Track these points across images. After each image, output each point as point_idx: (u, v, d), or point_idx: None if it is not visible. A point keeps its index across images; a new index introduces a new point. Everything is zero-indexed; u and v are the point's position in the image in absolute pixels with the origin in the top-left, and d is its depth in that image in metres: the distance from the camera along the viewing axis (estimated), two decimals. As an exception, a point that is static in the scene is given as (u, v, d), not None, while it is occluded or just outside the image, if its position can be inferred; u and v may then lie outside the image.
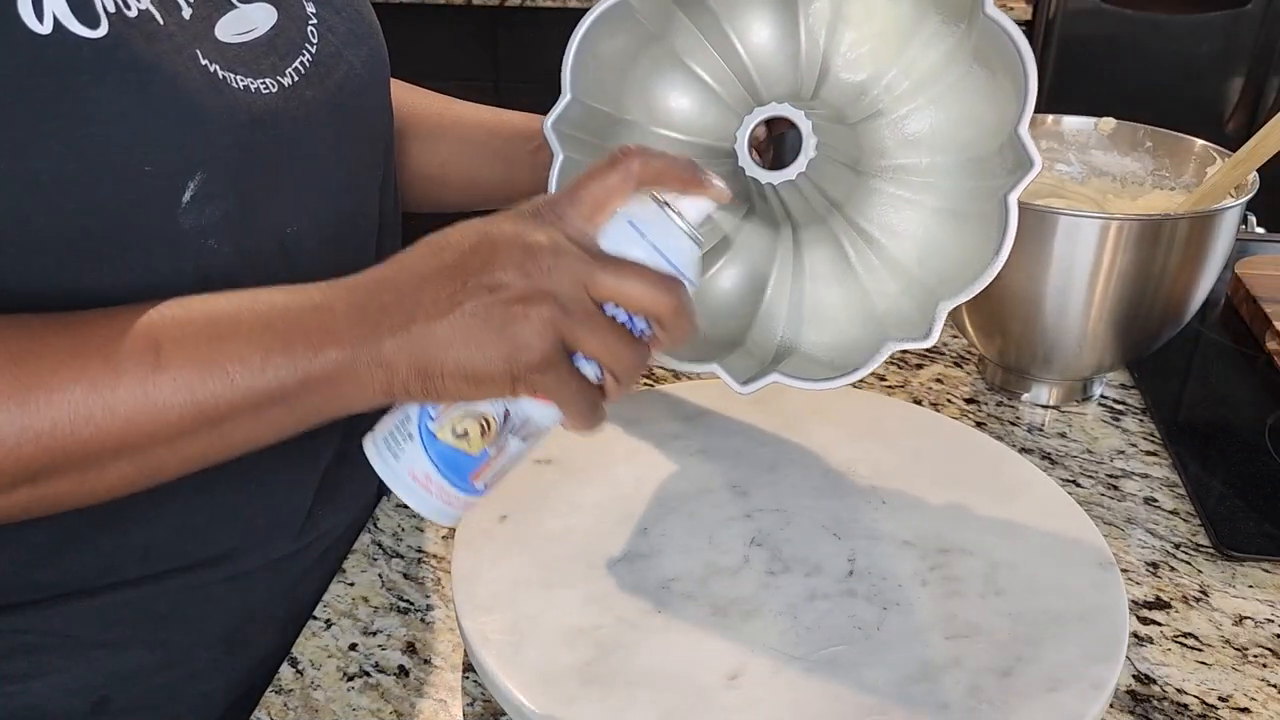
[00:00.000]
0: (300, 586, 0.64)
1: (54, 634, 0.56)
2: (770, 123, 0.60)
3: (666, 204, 0.46)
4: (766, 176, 0.57)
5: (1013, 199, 0.53)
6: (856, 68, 0.61)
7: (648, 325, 0.45)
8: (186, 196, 0.48)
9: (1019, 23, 1.98)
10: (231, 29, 0.51)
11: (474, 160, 0.77)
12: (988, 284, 0.54)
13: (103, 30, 0.44)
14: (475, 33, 2.19)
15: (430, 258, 0.45)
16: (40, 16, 0.43)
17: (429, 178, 0.77)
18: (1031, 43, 1.97)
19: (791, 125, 0.57)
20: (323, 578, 0.65)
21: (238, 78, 0.50)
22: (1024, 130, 0.53)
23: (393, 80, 0.79)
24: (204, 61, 0.49)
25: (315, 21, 0.57)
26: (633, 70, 0.62)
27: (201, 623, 0.60)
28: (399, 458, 0.47)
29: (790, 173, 0.56)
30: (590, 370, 0.46)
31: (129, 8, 0.46)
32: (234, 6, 0.52)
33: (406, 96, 0.78)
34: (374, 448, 0.48)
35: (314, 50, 0.56)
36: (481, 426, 0.46)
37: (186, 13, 0.49)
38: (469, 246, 0.45)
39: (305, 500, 0.62)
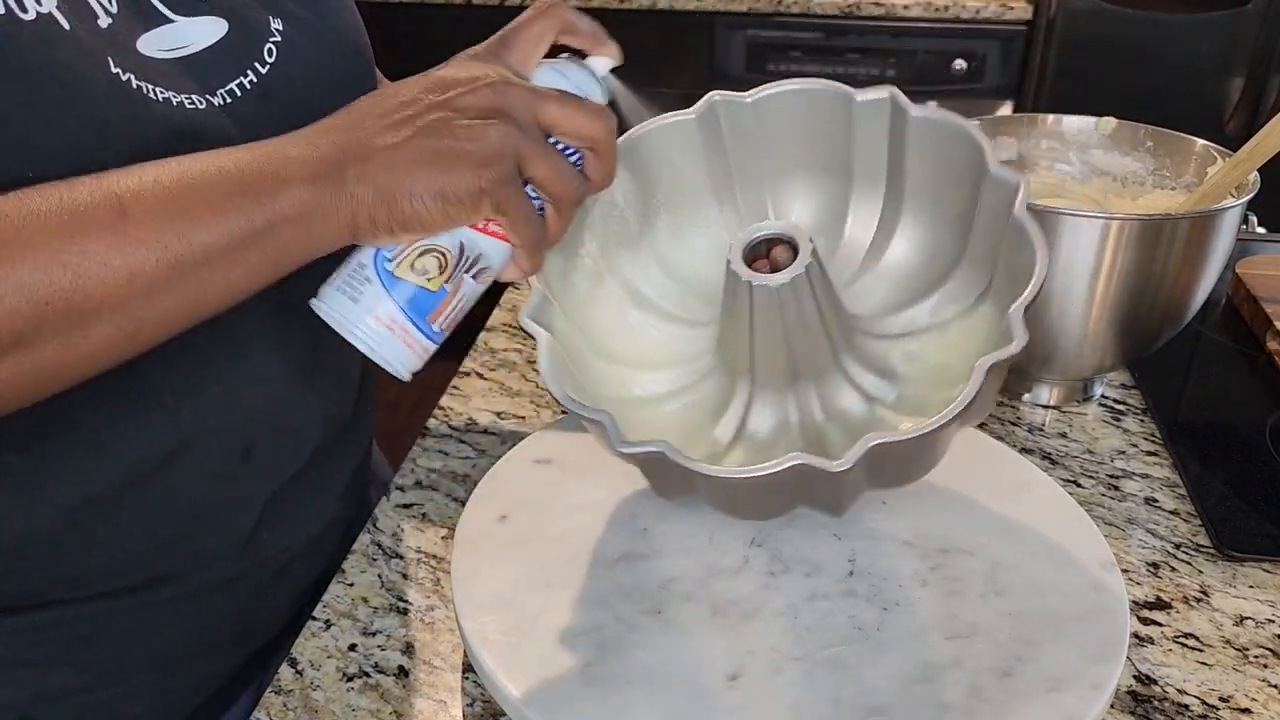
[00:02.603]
0: (253, 606, 0.63)
1: None
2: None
3: (577, 59, 0.52)
4: (748, 275, 0.55)
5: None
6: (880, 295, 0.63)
7: (580, 165, 0.50)
8: None
9: (1019, 22, 1.99)
10: (160, 43, 0.50)
11: None
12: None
13: None
14: (475, 33, 2.19)
15: (382, 99, 0.47)
16: None
17: None
18: (1032, 42, 1.97)
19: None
20: (282, 595, 0.64)
21: (158, 90, 0.49)
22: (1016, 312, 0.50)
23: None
24: (115, 70, 0.47)
25: (279, 39, 0.55)
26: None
27: (131, 645, 0.59)
28: (358, 301, 0.47)
29: (775, 278, 0.54)
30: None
31: (25, 10, 0.44)
32: (168, 20, 0.50)
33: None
34: (327, 300, 0.48)
35: (265, 70, 0.54)
36: (439, 261, 0.48)
37: (104, 21, 0.47)
38: (420, 86, 0.46)
39: (247, 526, 0.60)
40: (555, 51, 0.53)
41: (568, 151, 0.49)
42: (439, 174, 0.44)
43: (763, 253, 0.57)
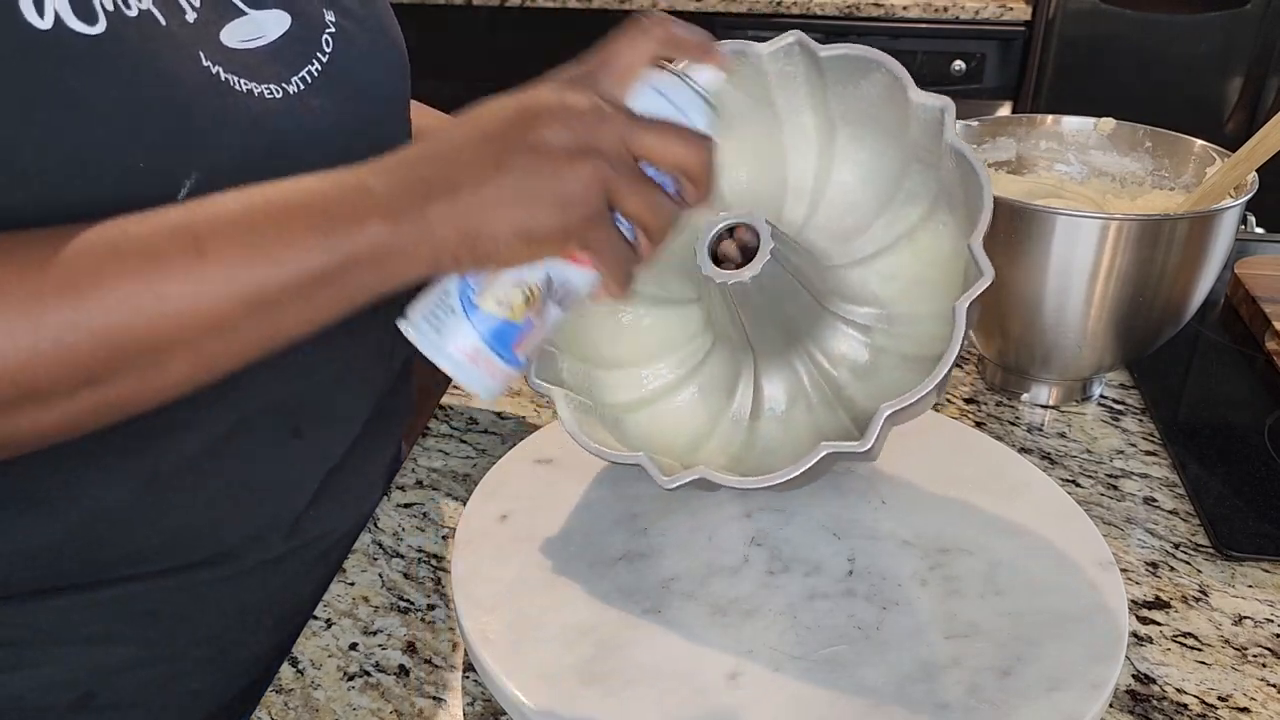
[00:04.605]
0: (298, 585, 0.64)
1: (33, 628, 0.56)
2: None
3: (682, 73, 0.49)
4: (720, 276, 0.56)
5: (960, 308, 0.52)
6: (843, 217, 0.63)
7: (676, 187, 0.48)
8: (182, 195, 0.48)
9: (1018, 23, 1.99)
10: (238, 34, 0.51)
11: None
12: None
13: (100, 27, 0.44)
14: (475, 33, 2.19)
15: (468, 128, 0.45)
16: (41, 12, 0.43)
17: None
18: (1031, 43, 1.97)
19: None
20: (324, 576, 0.65)
21: (241, 81, 0.50)
22: (977, 245, 0.53)
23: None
24: (206, 63, 0.49)
25: (333, 30, 0.57)
26: None
27: (188, 621, 0.60)
28: (441, 333, 0.47)
29: (744, 274, 0.55)
30: (625, 232, 0.47)
31: (129, 6, 0.46)
32: (243, 12, 0.52)
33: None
34: (413, 327, 0.47)
35: (325, 60, 0.56)
36: (526, 295, 0.47)
37: (191, 16, 0.49)
38: (509, 113, 0.45)
39: (299, 504, 0.62)
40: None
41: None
42: (524, 215, 0.43)
43: (727, 235, 0.58)
